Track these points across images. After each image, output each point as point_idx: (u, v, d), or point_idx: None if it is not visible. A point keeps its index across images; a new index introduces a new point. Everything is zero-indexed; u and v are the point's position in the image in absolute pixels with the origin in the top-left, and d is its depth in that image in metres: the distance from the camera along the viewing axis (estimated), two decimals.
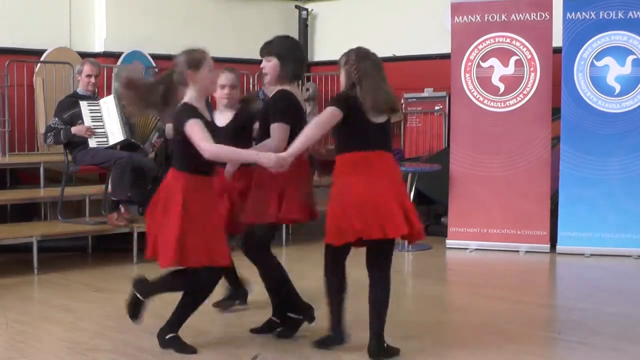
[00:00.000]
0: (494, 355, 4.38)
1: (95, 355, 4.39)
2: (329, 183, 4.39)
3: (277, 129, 4.45)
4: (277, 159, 4.11)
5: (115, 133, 7.01)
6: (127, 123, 7.08)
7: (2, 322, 5.05)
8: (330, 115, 4.19)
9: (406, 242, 7.91)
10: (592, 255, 7.49)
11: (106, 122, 7.03)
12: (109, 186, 7.05)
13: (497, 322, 4.72)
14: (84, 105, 7.01)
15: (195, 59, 4.27)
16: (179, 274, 4.37)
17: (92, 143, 6.96)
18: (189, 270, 4.29)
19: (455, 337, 4.79)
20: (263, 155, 4.19)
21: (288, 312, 4.67)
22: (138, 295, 4.45)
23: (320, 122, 4.23)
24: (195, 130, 4.11)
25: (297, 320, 4.67)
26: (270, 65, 4.58)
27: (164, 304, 4.56)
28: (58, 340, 4.69)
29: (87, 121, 6.97)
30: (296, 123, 4.47)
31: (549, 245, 7.67)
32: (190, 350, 4.35)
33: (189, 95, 4.28)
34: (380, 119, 4.25)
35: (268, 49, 4.61)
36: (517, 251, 7.68)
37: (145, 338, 4.66)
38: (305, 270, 6.08)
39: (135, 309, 4.49)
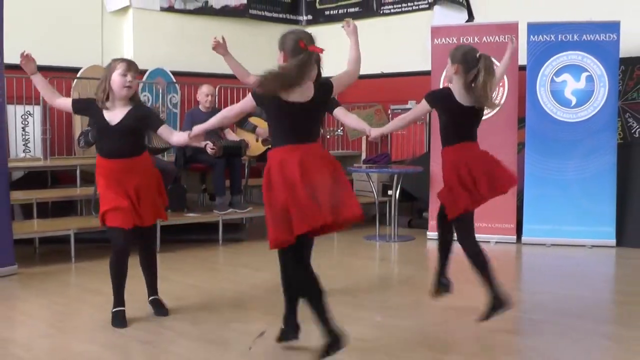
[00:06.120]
0: (467, 331, 4.41)
1: (126, 332, 4.40)
2: None
3: None
4: None
5: None
6: None
7: (43, 303, 5.07)
8: None
9: (391, 234, 7.94)
10: (552, 245, 7.51)
11: None
12: None
13: (471, 303, 4.72)
14: None
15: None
16: None
17: None
18: None
19: (433, 315, 4.81)
20: None
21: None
22: None
23: None
24: None
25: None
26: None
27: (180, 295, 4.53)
28: (92, 320, 4.70)
29: None
30: None
31: (515, 237, 7.70)
32: None
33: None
34: None
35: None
36: (489, 242, 7.69)
37: (170, 318, 4.67)
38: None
39: None
